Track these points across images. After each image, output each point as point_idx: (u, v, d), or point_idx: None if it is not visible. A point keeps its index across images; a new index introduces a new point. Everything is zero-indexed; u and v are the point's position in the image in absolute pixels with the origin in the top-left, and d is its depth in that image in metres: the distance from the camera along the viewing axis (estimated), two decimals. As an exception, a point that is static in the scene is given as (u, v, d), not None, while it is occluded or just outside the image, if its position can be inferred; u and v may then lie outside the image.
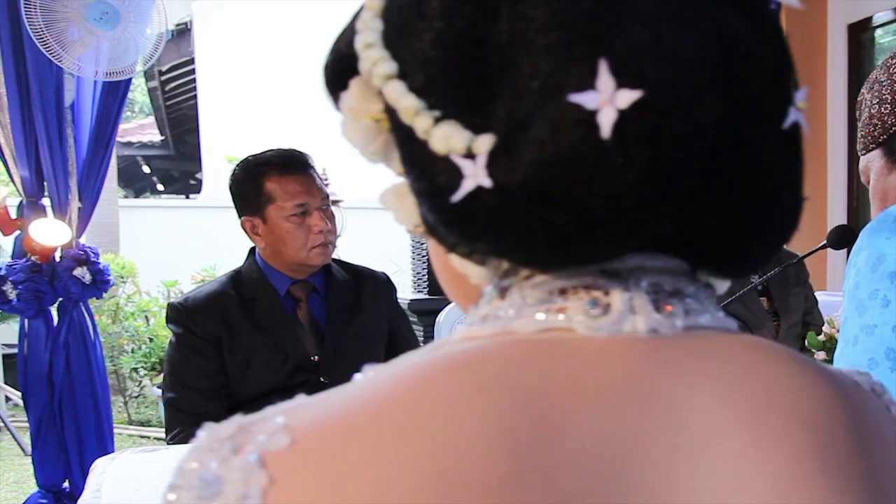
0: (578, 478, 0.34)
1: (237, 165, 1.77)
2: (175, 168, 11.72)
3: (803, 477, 0.37)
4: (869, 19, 3.81)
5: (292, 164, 1.72)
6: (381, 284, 1.92)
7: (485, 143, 0.36)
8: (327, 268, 1.83)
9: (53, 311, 2.70)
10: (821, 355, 1.51)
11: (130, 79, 2.66)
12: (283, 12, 7.17)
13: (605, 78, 0.34)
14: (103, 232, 5.57)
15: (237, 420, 0.38)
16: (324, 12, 7.17)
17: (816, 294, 2.54)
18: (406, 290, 3.89)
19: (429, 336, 2.97)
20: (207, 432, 0.37)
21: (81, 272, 2.66)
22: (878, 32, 3.90)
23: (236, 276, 1.79)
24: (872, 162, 1.08)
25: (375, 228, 6.07)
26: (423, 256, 3.83)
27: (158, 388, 4.86)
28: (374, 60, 0.39)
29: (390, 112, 0.40)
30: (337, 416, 0.36)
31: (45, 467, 2.70)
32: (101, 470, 1.20)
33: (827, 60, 3.93)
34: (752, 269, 0.46)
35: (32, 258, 2.61)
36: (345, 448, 0.34)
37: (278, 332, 1.72)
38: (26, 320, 2.66)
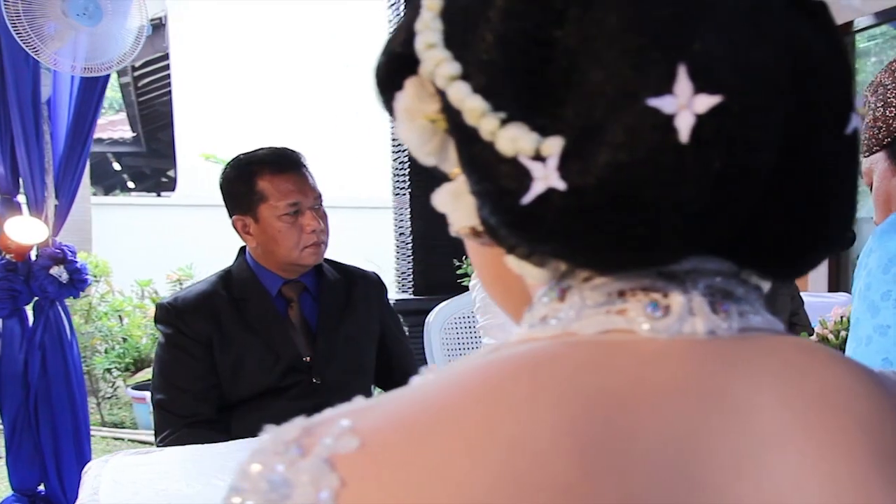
0: (646, 479, 0.34)
1: (228, 164, 1.74)
2: (147, 165, 11.58)
3: (861, 476, 0.37)
4: (850, 24, 3.86)
5: (285, 163, 1.69)
6: (372, 284, 1.90)
7: (555, 146, 0.36)
8: (319, 268, 1.81)
9: (29, 310, 2.65)
10: (816, 356, 1.52)
11: (108, 75, 2.61)
12: (259, 8, 7.12)
13: (683, 83, 0.34)
14: (76, 230, 5.47)
15: (300, 422, 0.37)
16: (300, 8, 7.13)
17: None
18: (389, 290, 3.88)
19: (414, 336, 2.96)
20: (270, 434, 0.37)
21: (58, 271, 2.60)
22: (858, 37, 3.96)
23: (226, 276, 1.76)
24: (876, 164, 1.09)
25: (354, 227, 6.05)
26: (409, 256, 3.82)
27: (133, 388, 4.79)
28: (438, 61, 0.39)
29: (449, 112, 0.39)
30: (405, 417, 0.36)
31: (19, 470, 2.65)
32: (96, 472, 1.18)
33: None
34: (802, 271, 0.46)
35: (7, 257, 2.56)
36: (416, 450, 0.34)
37: (270, 332, 1.69)
38: (0, 320, 2.60)
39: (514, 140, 0.36)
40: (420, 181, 3.79)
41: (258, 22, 7.28)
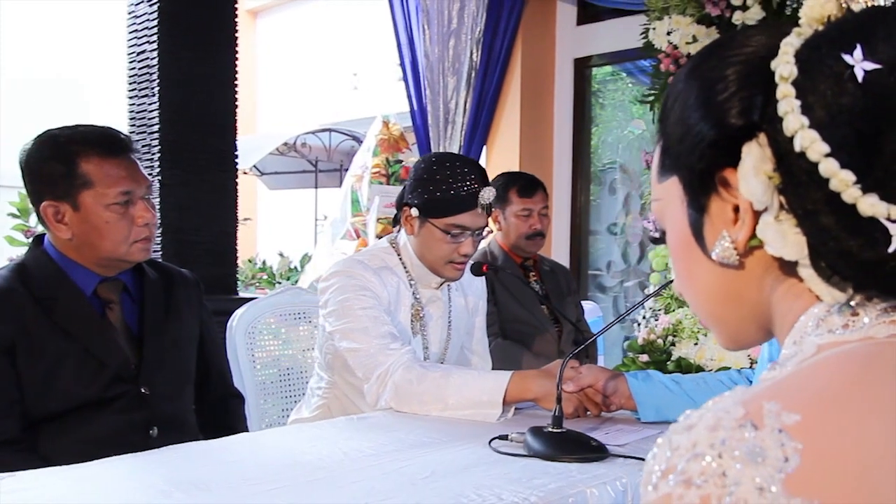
0: None
1: (35, 141, 1.47)
2: None
3: None
4: (590, 56, 4.33)
5: (115, 146, 1.48)
6: (191, 285, 1.74)
7: None
8: (138, 265, 1.61)
9: None
10: (643, 357, 1.68)
11: None
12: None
13: None
14: None
15: (733, 402, 0.48)
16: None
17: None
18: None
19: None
20: (720, 419, 0.48)
21: None
22: (595, 69, 4.46)
23: (21, 270, 1.49)
24: None
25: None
26: (156, 251, 3.49)
27: None
28: (812, 140, 0.51)
29: (789, 174, 0.53)
30: (818, 393, 0.49)
31: None
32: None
33: (554, 91, 4.40)
34: None
35: None
36: (841, 414, 0.48)
37: (89, 337, 1.47)
38: None
39: (873, 206, 0.50)
40: (175, 169, 3.46)
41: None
